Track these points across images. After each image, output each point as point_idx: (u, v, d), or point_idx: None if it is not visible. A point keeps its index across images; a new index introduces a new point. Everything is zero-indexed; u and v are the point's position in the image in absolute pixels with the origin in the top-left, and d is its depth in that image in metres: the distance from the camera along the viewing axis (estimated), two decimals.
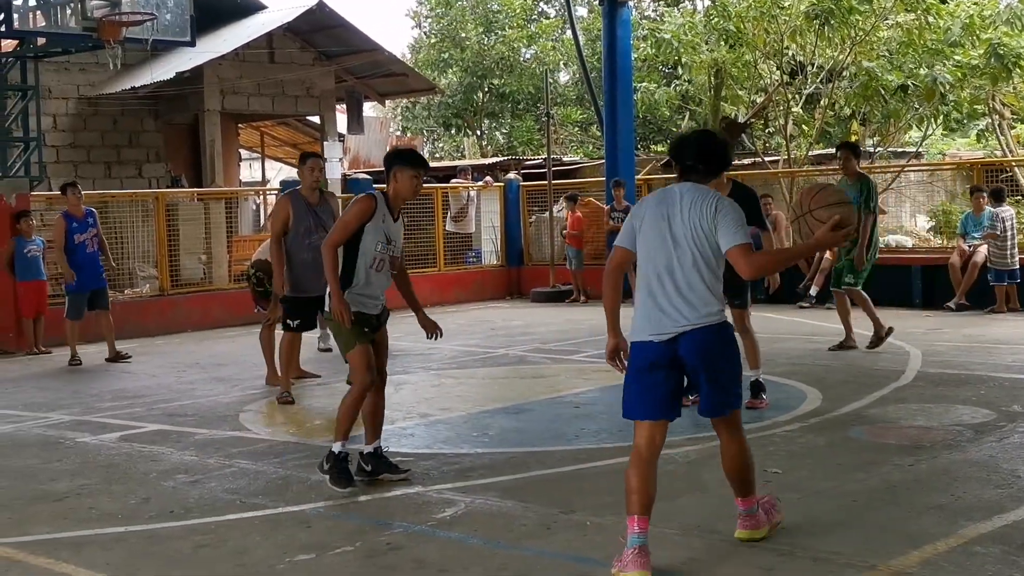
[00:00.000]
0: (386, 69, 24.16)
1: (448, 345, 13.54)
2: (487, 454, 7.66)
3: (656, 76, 29.28)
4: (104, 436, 8.69)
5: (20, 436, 8.93)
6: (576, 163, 27.25)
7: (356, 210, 6.82)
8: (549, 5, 40.03)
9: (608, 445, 7.79)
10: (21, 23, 15.00)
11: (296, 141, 29.38)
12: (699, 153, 5.31)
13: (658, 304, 5.19)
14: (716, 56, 22.56)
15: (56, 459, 7.98)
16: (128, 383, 11.61)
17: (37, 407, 10.18)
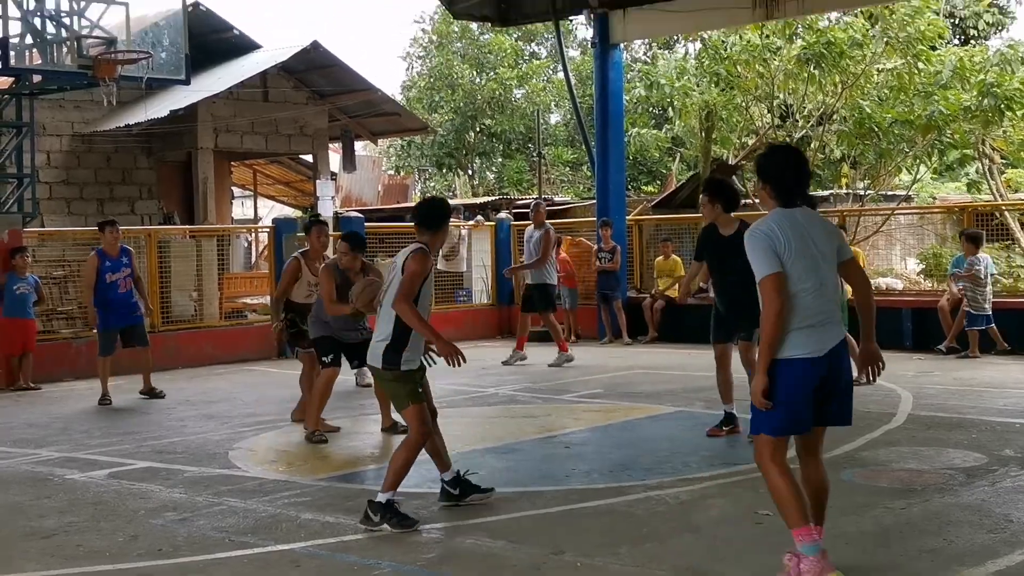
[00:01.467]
0: (379, 108, 24.31)
1: (438, 384, 13.47)
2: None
3: (646, 118, 29.47)
4: (93, 473, 8.66)
5: (8, 472, 8.88)
6: (567, 203, 27.35)
7: (422, 267, 6.89)
8: (540, 46, 40.30)
9: (599, 486, 7.78)
10: (17, 60, 15.06)
11: (289, 179, 29.48)
12: (804, 179, 5.51)
13: (815, 322, 5.28)
14: (707, 98, 22.72)
15: (45, 496, 7.94)
16: (118, 420, 11.57)
17: (25, 443, 10.13)
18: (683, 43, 32.33)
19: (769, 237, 5.27)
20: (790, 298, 5.23)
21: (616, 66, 19.02)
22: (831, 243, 5.40)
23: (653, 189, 34.17)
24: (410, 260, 6.90)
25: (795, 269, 5.25)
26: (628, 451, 9.19)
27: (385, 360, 6.91)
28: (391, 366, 6.92)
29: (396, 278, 6.95)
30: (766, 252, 5.24)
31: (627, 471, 8.22)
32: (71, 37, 15.09)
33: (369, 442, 10.02)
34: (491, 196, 31.55)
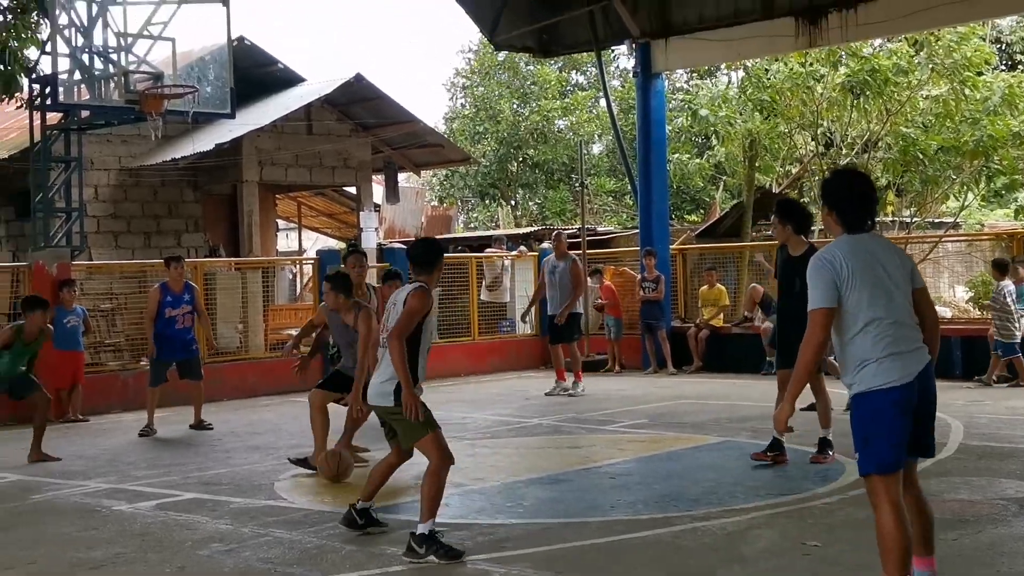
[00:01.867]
0: (422, 140, 24.44)
1: (482, 415, 13.53)
2: (522, 524, 7.61)
3: (689, 147, 29.43)
4: (140, 504, 8.70)
5: (58, 503, 8.95)
6: (610, 233, 27.32)
7: (422, 305, 6.98)
8: (582, 75, 40.40)
9: (644, 516, 7.73)
10: (66, 96, 15.27)
11: (333, 211, 29.68)
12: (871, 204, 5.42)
13: (898, 348, 5.15)
14: (750, 127, 22.66)
15: (93, 527, 7.99)
16: (164, 451, 11.64)
17: (74, 475, 10.21)
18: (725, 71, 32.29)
19: (832, 267, 5.17)
20: (865, 328, 5.12)
21: (658, 95, 19.05)
22: (903, 269, 5.28)
23: (696, 218, 34.09)
24: (411, 297, 6.99)
25: (860, 298, 5.13)
26: (674, 482, 9.13)
27: (396, 396, 6.93)
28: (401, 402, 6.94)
29: (397, 314, 7.02)
30: (825, 283, 5.15)
31: (673, 502, 8.17)
32: (118, 73, 15.28)
33: (412, 472, 9.99)
34: (534, 226, 31.58)
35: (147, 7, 15.73)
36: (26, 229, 18.67)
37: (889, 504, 5.07)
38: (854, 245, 5.24)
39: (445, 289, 19.55)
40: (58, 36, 14.97)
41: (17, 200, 21.01)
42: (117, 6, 15.40)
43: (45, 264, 14.64)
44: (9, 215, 22.36)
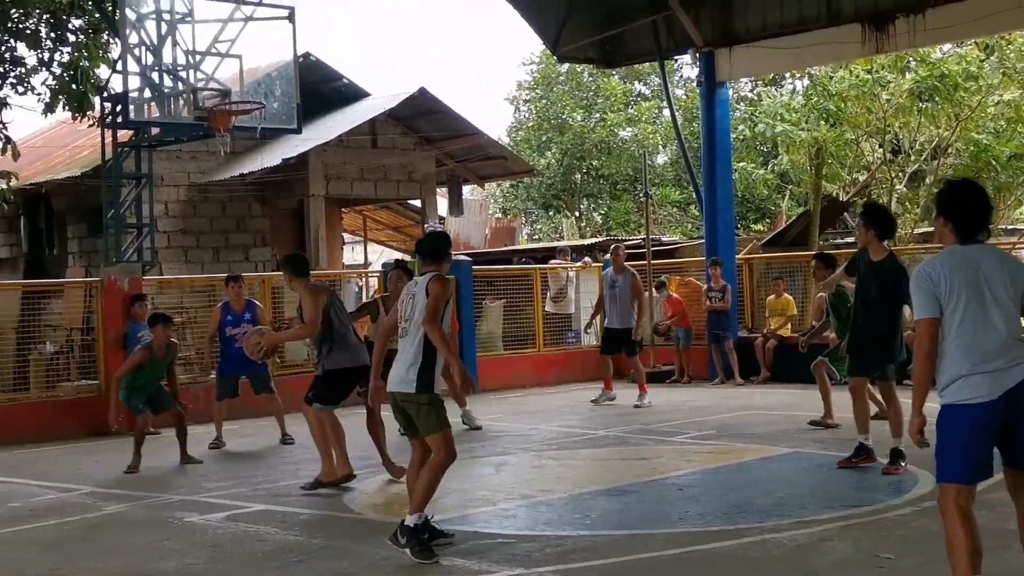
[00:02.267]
0: (486, 152, 24.52)
1: (548, 426, 13.52)
2: (589, 536, 7.58)
3: (754, 155, 29.25)
4: (211, 516, 8.80)
5: (131, 515, 9.08)
6: (675, 243, 27.20)
7: (445, 290, 7.13)
8: (645, 85, 40.30)
9: (713, 528, 7.67)
10: (136, 114, 15.53)
11: (398, 224, 29.84)
12: (985, 214, 5.37)
13: (990, 365, 5.10)
14: (816, 135, 22.47)
15: (165, 538, 8.09)
16: (234, 463, 11.76)
17: (146, 486, 10.35)
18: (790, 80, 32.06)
19: (931, 280, 5.16)
20: (958, 342, 5.09)
21: (723, 104, 18.94)
22: (1014, 282, 5.18)
23: (763, 227, 33.85)
24: (432, 284, 7.13)
25: (956, 311, 5.10)
26: (742, 493, 9.06)
27: (420, 383, 7.06)
28: (426, 388, 7.08)
29: (418, 304, 7.13)
30: (925, 295, 5.16)
31: (742, 513, 8.10)
32: (187, 90, 15.52)
33: (478, 484, 10.02)
34: (598, 237, 31.53)
35: (215, 25, 15.98)
36: (98, 245, 18.99)
37: (956, 512, 5.13)
38: (959, 258, 5.20)
39: (510, 300, 19.59)
40: (129, 55, 15.23)
41: (90, 216, 21.37)
42: (186, 25, 15.65)
43: (117, 279, 14.87)
44: (82, 231, 22.76)
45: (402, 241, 31.10)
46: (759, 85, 33.91)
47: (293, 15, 16.23)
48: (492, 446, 12.17)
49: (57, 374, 15.45)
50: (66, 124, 23.06)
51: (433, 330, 7.03)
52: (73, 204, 22.34)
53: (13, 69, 16.44)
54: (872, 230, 9.29)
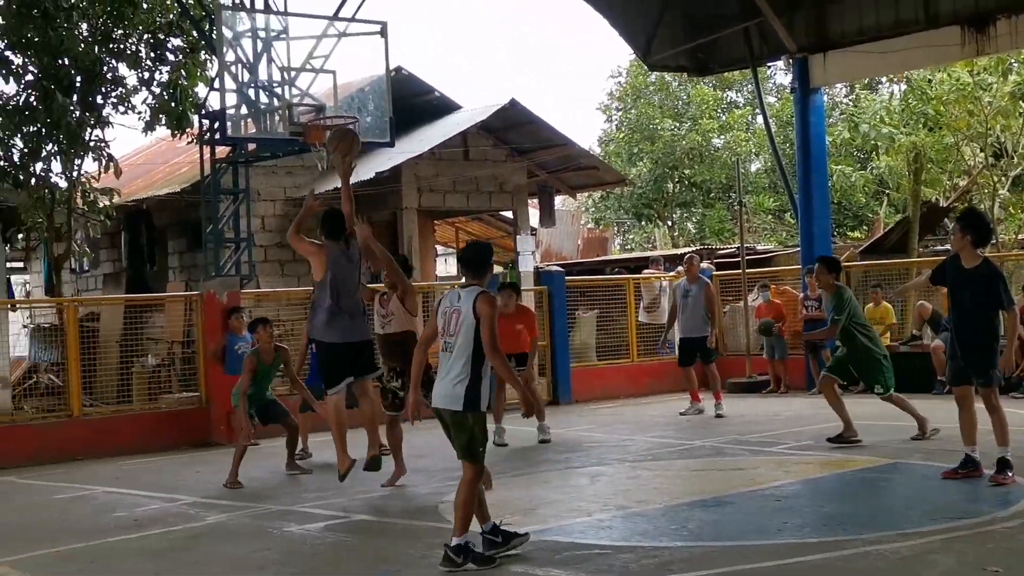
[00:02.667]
0: (577, 163, 24.50)
1: (644, 437, 13.45)
2: (686, 547, 7.52)
3: (851, 160, 28.84)
4: (309, 526, 8.89)
5: (231, 525, 9.22)
6: (770, 251, 26.91)
7: (494, 308, 7.11)
8: (737, 93, 39.97)
9: (813, 540, 7.56)
10: (234, 130, 15.81)
11: (490, 235, 29.93)
12: None
13: None
14: (915, 139, 22.08)
15: (265, 548, 8.20)
16: (331, 474, 11.85)
17: (246, 497, 10.50)
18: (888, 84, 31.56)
19: None
20: None
21: (817, 110, 18.70)
22: None
23: (860, 235, 33.33)
24: (481, 304, 7.03)
25: None
26: (842, 504, 8.92)
27: (468, 401, 7.04)
28: (473, 407, 7.06)
29: (464, 322, 7.06)
30: None
31: (842, 525, 7.97)
32: (283, 106, 15.76)
33: (574, 495, 10.00)
34: (691, 246, 31.32)
35: (309, 42, 16.22)
36: (198, 259, 19.38)
37: None
38: None
39: (603, 311, 19.53)
40: (226, 73, 15.52)
41: (189, 232, 21.81)
42: (281, 42, 15.90)
43: (216, 292, 15.13)
44: (182, 246, 23.22)
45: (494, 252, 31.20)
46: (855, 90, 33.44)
47: (385, 30, 16.40)
48: (587, 457, 12.14)
49: (159, 386, 15.76)
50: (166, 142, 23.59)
51: (498, 361, 7.03)
52: (173, 220, 22.80)
53: (115, 89, 16.87)
54: (969, 236, 9.08)
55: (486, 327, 7.00)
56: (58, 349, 15.51)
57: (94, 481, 11.96)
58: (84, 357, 14.59)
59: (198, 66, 16.95)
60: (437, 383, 7.27)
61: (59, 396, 14.96)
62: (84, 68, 16.19)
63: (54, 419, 14.40)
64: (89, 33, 16.55)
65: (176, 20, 16.72)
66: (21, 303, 20.96)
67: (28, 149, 16.30)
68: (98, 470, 12.81)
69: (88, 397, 14.73)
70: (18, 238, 18.56)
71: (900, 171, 23.83)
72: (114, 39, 16.65)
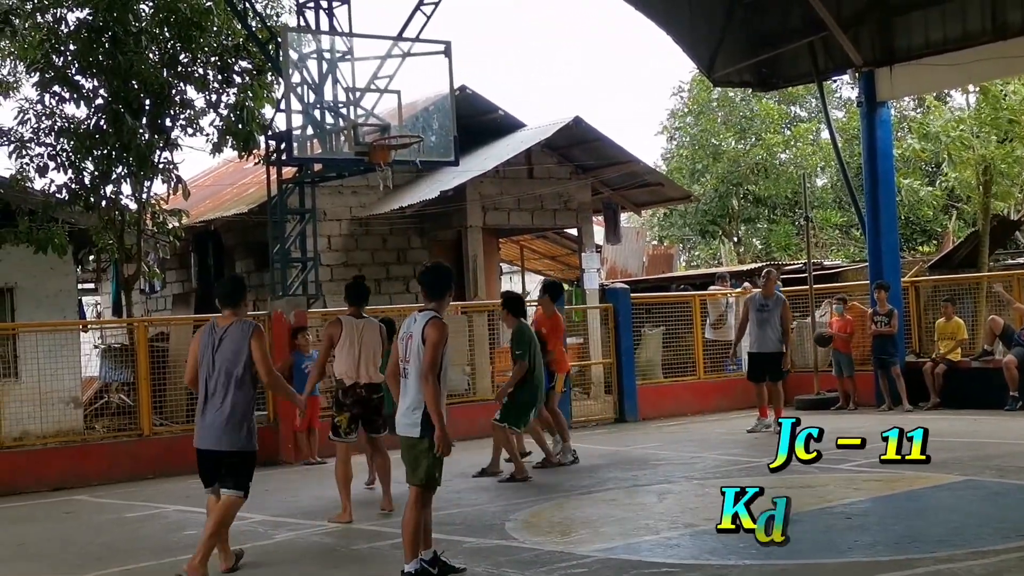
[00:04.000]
0: (641, 179, 24.42)
1: (712, 454, 13.35)
2: (756, 566, 7.45)
3: (918, 174, 28.50)
4: (377, 544, 8.92)
5: (299, 543, 9.29)
6: (837, 266, 26.64)
7: (441, 335, 7.08)
8: (801, 108, 39.68)
9: (883, 558, 7.46)
10: (300, 151, 15.93)
11: (554, 253, 29.93)
12: None
13: None
14: (985, 152, 21.76)
15: (332, 566, 8.25)
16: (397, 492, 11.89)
17: (313, 515, 10.56)
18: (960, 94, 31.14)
19: None
20: None
21: (884, 124, 18.51)
22: None
23: (929, 249, 32.90)
24: (429, 329, 6.99)
25: None
26: (914, 522, 8.79)
27: (425, 426, 6.99)
28: (430, 433, 7.01)
29: (414, 348, 7.04)
30: None
31: (914, 543, 7.85)
32: (348, 126, 15.86)
33: (641, 513, 9.95)
34: (758, 262, 31.09)
35: (373, 62, 16.31)
36: (265, 279, 19.54)
37: None
38: None
39: (669, 328, 19.44)
40: (292, 94, 15.66)
41: (256, 251, 22.02)
42: (345, 62, 16.02)
43: (283, 312, 15.26)
44: (249, 266, 23.46)
45: (559, 270, 31.18)
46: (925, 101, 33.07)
47: (449, 49, 16.48)
48: (654, 474, 12.07)
49: None
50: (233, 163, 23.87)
51: (427, 388, 6.96)
52: (240, 240, 23.06)
53: (183, 112, 17.11)
54: None
55: (428, 351, 6.96)
56: (128, 369, 15.74)
57: (164, 500, 12.10)
58: (154, 377, 14.80)
59: (264, 87, 17.14)
60: (399, 410, 7.23)
61: (130, 416, 15.17)
62: (153, 91, 16.44)
63: (125, 438, 14.60)
64: (158, 57, 16.81)
65: (242, 43, 16.93)
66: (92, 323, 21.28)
67: (99, 172, 16.56)
68: (168, 489, 12.95)
69: (158, 416, 14.92)
70: (89, 259, 18.86)
71: (970, 184, 23.47)
72: (182, 62, 16.89)
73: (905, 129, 31.18)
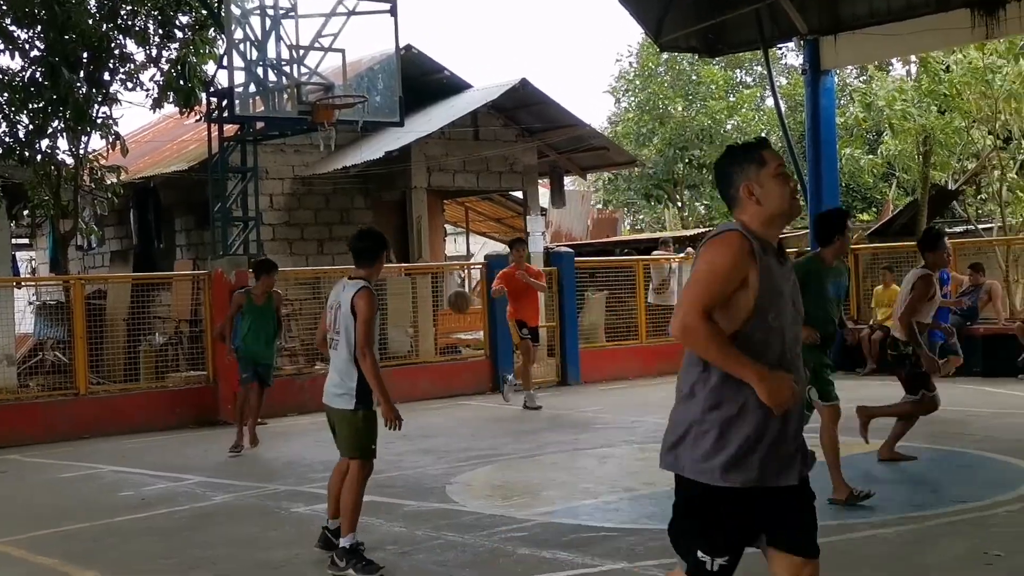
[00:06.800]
0: (587, 143, 24.41)
1: (652, 419, 13.42)
2: None
3: (860, 142, 28.73)
4: (317, 506, 8.88)
5: (239, 505, 9.24)
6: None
7: (373, 307, 6.90)
8: (747, 74, 39.79)
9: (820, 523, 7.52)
10: (242, 108, 15.76)
11: (500, 216, 29.90)
12: None
13: None
14: (925, 122, 21.98)
15: (272, 528, 8.21)
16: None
17: (254, 477, 10.51)
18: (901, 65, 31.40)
19: None
20: None
21: (828, 92, 18.62)
22: None
23: (868, 216, 33.24)
24: (359, 301, 6.83)
25: None
26: None
27: (359, 399, 6.87)
28: (364, 405, 6.91)
29: (343, 319, 6.87)
30: None
31: (849, 508, 7.95)
32: (291, 84, 15.70)
33: (582, 476, 10.00)
34: (701, 228, 31.25)
35: (318, 20, 16.15)
36: (205, 238, 19.36)
37: None
38: None
39: (612, 292, 19.50)
40: (234, 51, 15.46)
41: (197, 210, 21.78)
42: (289, 20, 15.84)
43: (224, 271, 15.11)
44: (190, 224, 23.21)
45: (504, 232, 31.18)
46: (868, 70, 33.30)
47: (395, 8, 16.32)
48: (595, 438, 12.14)
49: (166, 365, 15.78)
50: (173, 119, 23.56)
51: (366, 363, 6.80)
52: (181, 198, 22.78)
53: (122, 66, 16.82)
54: None
55: (360, 327, 6.81)
56: (64, 326, 15.53)
57: (100, 460, 11.98)
58: (91, 335, 14.60)
59: (206, 43, 16.90)
60: (330, 381, 7.06)
61: (65, 374, 14.97)
62: (91, 44, 16.11)
63: (60, 397, 14.40)
64: (96, 9, 16.48)
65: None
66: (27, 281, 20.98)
67: (34, 125, 16.25)
68: (104, 449, 12.84)
69: (95, 375, 14.74)
70: (23, 215, 18.54)
71: (909, 154, 23.72)
72: (121, 15, 16.59)
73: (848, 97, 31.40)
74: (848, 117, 26.07)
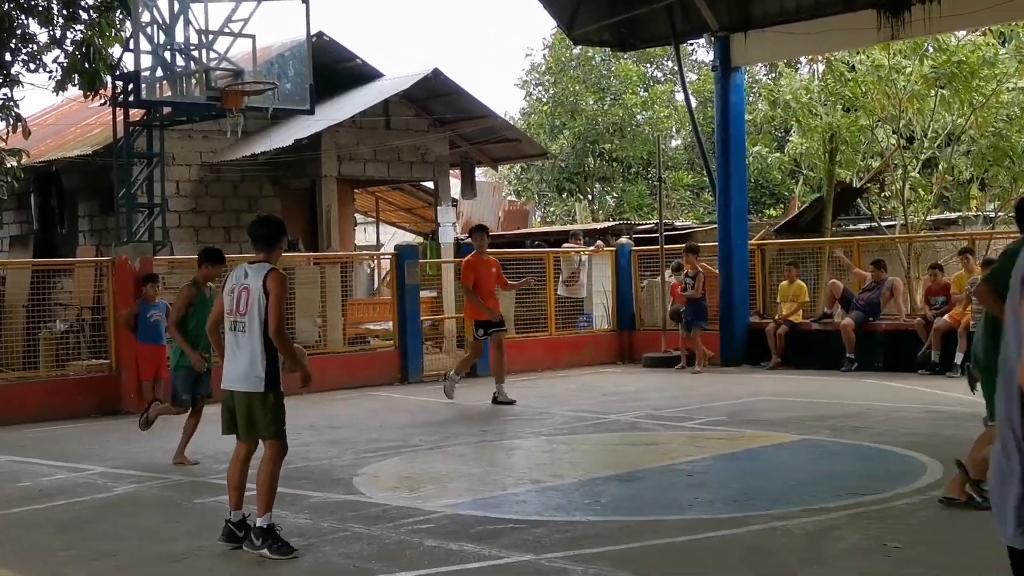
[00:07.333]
0: (499, 135, 24.45)
1: (560, 410, 13.50)
2: (599, 522, 7.57)
3: (768, 139, 29.14)
4: (221, 497, 8.73)
5: (140, 496, 9.09)
6: (688, 227, 27.13)
7: (284, 288, 7.03)
8: (657, 69, 40.11)
9: (723, 515, 7.65)
10: (148, 93, 15.50)
11: (411, 206, 29.82)
12: None
13: None
14: (831, 120, 22.35)
15: (175, 520, 8.10)
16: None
17: (156, 467, 10.36)
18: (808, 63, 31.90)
19: None
20: None
21: (737, 89, 18.85)
22: None
23: (776, 212, 33.73)
24: (271, 283, 6.87)
25: None
26: (752, 480, 9.04)
27: (269, 382, 6.96)
28: (274, 388, 7.01)
29: (254, 301, 6.88)
30: None
31: (751, 501, 8.08)
32: (199, 70, 15.48)
33: (489, 468, 10.02)
34: (611, 221, 31.47)
35: (227, 4, 15.95)
36: (109, 223, 19.02)
37: None
38: None
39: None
40: (141, 34, 15.20)
41: (101, 195, 21.38)
42: (198, 3, 15.60)
43: (128, 259, 14.85)
44: (93, 210, 22.78)
45: (414, 223, 31.10)
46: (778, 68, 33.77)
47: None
48: (503, 430, 12.17)
49: (67, 353, 15.46)
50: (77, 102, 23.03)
51: (282, 342, 6.89)
52: (84, 182, 22.34)
53: (25, 46, 16.39)
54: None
55: (274, 306, 6.84)
56: None
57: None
58: None
59: (112, 25, 16.52)
60: (230, 364, 7.05)
61: None
62: None
63: None
64: None
65: None
66: None
67: None
68: (2, 438, 12.54)
69: None
70: None
71: (816, 151, 24.10)
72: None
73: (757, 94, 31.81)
74: (757, 114, 26.40)
